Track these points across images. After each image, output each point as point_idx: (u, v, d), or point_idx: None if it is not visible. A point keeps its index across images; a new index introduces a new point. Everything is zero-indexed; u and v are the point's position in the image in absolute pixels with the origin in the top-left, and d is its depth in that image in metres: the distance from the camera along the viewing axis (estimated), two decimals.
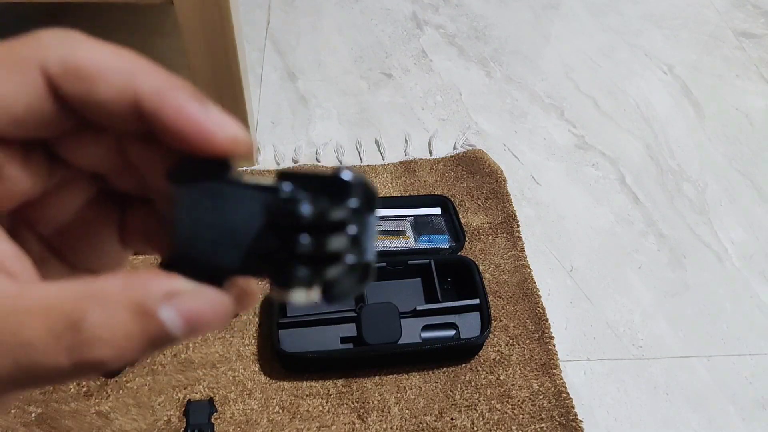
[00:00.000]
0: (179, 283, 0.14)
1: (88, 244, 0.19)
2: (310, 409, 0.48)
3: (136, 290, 0.13)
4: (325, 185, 0.15)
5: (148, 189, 0.18)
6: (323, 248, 0.15)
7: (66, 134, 0.16)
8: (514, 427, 0.48)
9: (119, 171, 0.18)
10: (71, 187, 0.18)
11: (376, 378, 0.49)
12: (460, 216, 0.59)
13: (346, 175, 0.15)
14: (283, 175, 0.15)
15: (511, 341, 0.52)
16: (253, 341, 0.51)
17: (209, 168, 0.15)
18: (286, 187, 0.15)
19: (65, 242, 0.18)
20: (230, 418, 0.47)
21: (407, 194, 0.61)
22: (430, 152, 0.67)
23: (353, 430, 0.47)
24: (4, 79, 0.14)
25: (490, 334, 0.51)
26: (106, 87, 0.14)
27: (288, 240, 0.15)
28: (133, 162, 0.18)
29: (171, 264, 0.15)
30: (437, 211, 0.59)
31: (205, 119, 0.15)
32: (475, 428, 0.48)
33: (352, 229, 0.15)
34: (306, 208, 0.14)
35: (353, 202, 0.15)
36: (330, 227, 0.15)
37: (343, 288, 0.15)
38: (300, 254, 0.15)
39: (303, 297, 0.14)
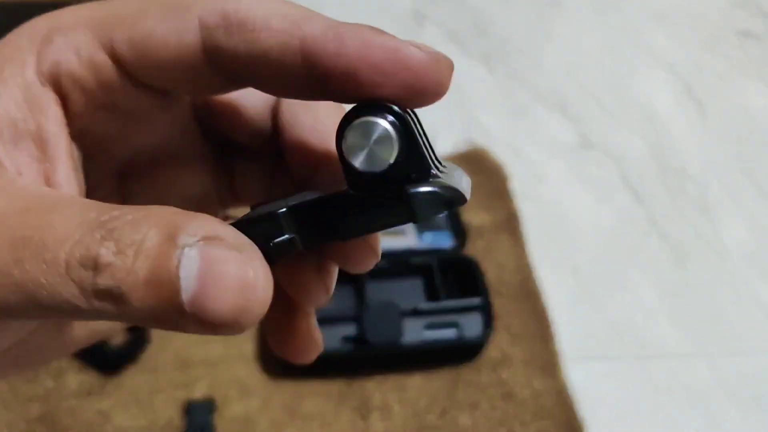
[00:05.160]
0: (227, 231, 0.11)
1: (169, 186, 0.17)
2: (311, 409, 0.48)
3: (180, 216, 0.11)
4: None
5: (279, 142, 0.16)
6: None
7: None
8: (516, 426, 0.48)
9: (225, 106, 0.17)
10: (168, 116, 0.16)
11: (378, 377, 0.49)
12: (462, 214, 0.58)
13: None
14: None
15: (513, 340, 0.52)
16: (254, 340, 0.51)
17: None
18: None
19: (144, 182, 0.17)
20: (231, 417, 0.47)
21: None
22: None
23: (354, 429, 0.47)
24: (160, 20, 0.13)
25: (492, 334, 0.51)
26: (269, 36, 0.13)
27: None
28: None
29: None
30: None
31: (394, 43, 0.13)
32: (477, 427, 0.48)
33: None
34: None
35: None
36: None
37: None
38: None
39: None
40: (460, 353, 0.50)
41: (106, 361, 0.48)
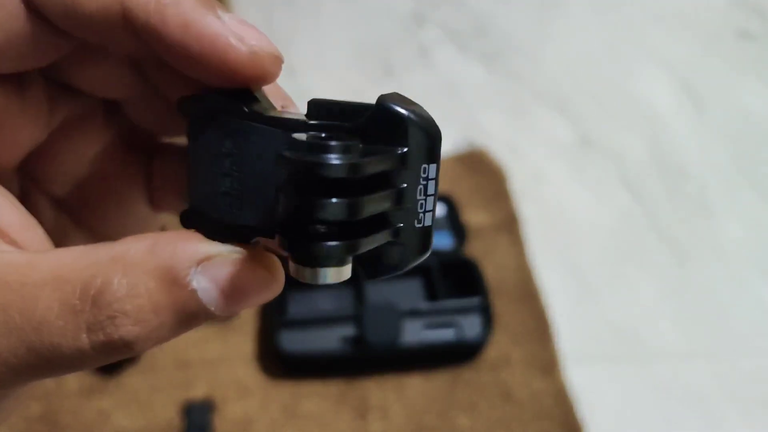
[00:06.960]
0: (213, 246, 0.12)
1: (110, 203, 0.16)
2: (310, 409, 0.48)
3: (163, 254, 0.11)
4: (370, 122, 0.11)
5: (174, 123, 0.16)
6: (358, 212, 0.11)
7: (66, 58, 0.13)
8: (515, 427, 0.48)
9: (139, 98, 0.15)
10: (82, 129, 0.15)
11: (377, 378, 0.49)
12: (462, 215, 0.58)
13: (398, 108, 0.11)
14: (315, 106, 0.12)
15: (513, 340, 0.52)
16: (253, 340, 0.51)
17: (228, 98, 0.12)
18: (312, 127, 0.11)
19: (84, 203, 0.16)
20: (230, 417, 0.47)
21: None
22: None
23: (353, 429, 0.47)
24: None
25: (491, 334, 0.51)
26: (88, 2, 0.12)
27: (311, 201, 0.10)
28: (156, 86, 0.15)
29: (190, 218, 0.13)
30: (438, 210, 0.59)
31: (213, 29, 0.12)
32: (476, 427, 0.47)
33: (401, 184, 0.11)
34: (334, 161, 0.10)
35: (402, 148, 0.11)
36: (370, 183, 0.11)
37: (391, 260, 0.12)
38: (325, 221, 0.11)
39: (330, 276, 0.11)
40: (460, 354, 0.50)
41: None
